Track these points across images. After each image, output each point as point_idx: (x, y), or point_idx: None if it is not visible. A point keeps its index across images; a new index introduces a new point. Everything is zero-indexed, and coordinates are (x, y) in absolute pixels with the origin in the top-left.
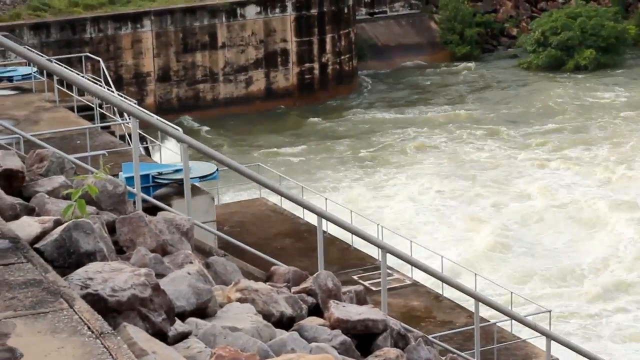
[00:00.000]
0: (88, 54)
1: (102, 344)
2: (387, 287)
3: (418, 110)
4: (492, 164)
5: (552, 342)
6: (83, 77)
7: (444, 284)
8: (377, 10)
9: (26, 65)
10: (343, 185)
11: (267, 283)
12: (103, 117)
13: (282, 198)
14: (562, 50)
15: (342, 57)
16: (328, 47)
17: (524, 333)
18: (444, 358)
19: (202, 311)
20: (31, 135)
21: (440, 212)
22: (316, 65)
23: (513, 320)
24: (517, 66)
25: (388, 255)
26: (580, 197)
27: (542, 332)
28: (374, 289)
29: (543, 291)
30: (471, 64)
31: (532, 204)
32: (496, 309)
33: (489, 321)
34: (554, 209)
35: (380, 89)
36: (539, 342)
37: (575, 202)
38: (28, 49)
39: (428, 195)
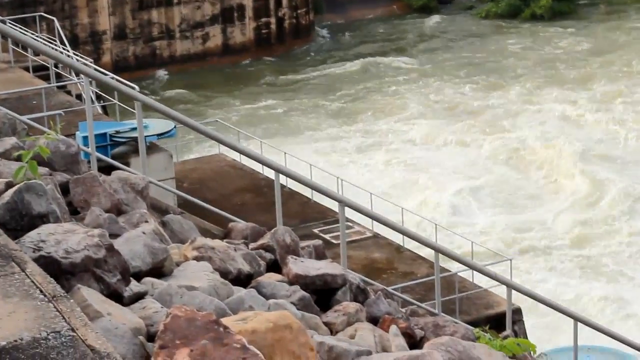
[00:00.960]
0: (42, 13)
1: (55, 307)
2: (348, 240)
3: (376, 61)
4: (453, 114)
5: (513, 291)
6: (38, 37)
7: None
8: None
9: None
10: (303, 139)
11: (225, 240)
12: (59, 76)
13: (242, 154)
14: None
15: (299, 11)
16: (284, 1)
17: (485, 282)
18: (404, 310)
19: (158, 271)
20: None
21: (403, 165)
22: (273, 20)
23: (474, 270)
24: (475, 15)
25: (350, 208)
26: (545, 145)
27: (503, 282)
28: (334, 242)
29: (504, 241)
30: (429, 15)
31: (497, 153)
32: (456, 260)
33: (450, 271)
34: (520, 159)
35: (337, 42)
36: (500, 291)
37: (538, 150)
38: None
39: (390, 147)
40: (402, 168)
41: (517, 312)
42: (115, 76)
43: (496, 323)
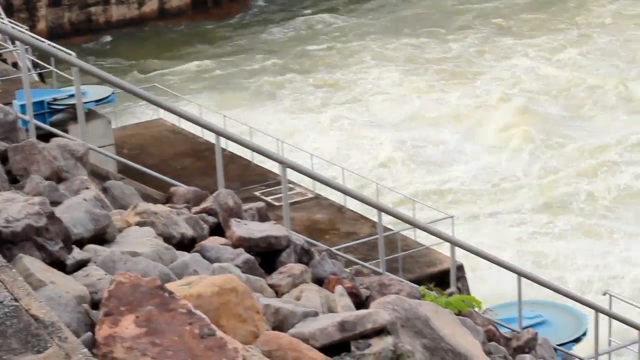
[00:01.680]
0: None
1: None
2: (290, 201)
3: (316, 20)
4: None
5: (456, 247)
6: None
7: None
8: None
9: None
10: (243, 102)
11: (167, 205)
12: None
13: (181, 118)
14: None
15: None
16: None
17: (428, 240)
18: (348, 270)
19: (101, 237)
20: None
21: (344, 124)
22: None
23: (417, 228)
24: None
25: (291, 170)
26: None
27: (445, 239)
28: (276, 204)
29: (447, 199)
30: None
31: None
32: (399, 218)
33: (392, 230)
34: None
35: (275, 4)
36: (444, 249)
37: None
38: None
39: (329, 107)
40: (347, 127)
41: (460, 269)
42: (51, 43)
43: (440, 280)
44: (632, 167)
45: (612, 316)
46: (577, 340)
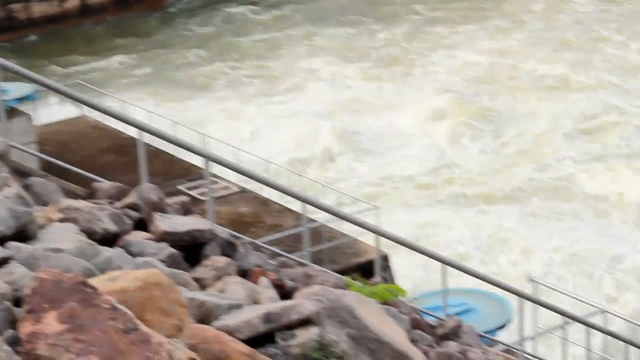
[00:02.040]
0: None
1: None
2: (214, 195)
3: (236, 16)
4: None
5: (381, 237)
6: None
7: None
8: None
9: None
10: (168, 97)
11: (90, 201)
12: None
13: (105, 114)
14: None
15: None
16: None
17: (355, 231)
18: (273, 262)
19: (23, 234)
20: None
21: (270, 116)
22: None
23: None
24: None
25: (215, 164)
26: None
27: (370, 229)
28: (201, 198)
29: (371, 190)
30: None
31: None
32: (323, 210)
33: (317, 222)
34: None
35: None
36: (369, 239)
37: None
38: None
39: (261, 98)
40: (272, 118)
41: (385, 259)
42: None
43: (366, 271)
44: (570, 152)
45: (536, 302)
46: (502, 327)
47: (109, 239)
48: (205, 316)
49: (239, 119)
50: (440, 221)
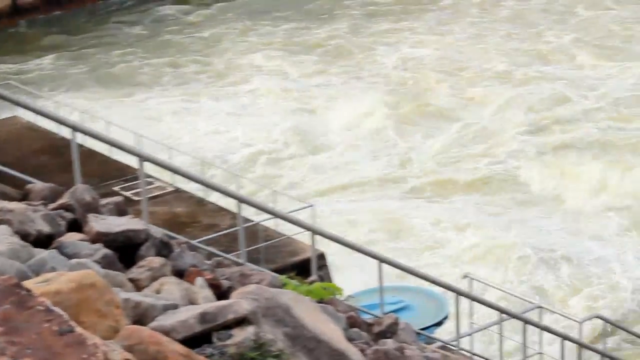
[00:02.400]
0: None
1: None
2: (149, 195)
3: (169, 14)
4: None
5: (317, 236)
6: None
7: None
8: None
9: None
10: (102, 96)
11: (23, 202)
12: None
13: (38, 115)
14: None
15: None
16: None
17: (291, 230)
18: (209, 262)
19: None
20: None
21: (206, 115)
22: None
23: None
24: None
25: (149, 164)
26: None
27: (306, 227)
28: (135, 198)
29: (307, 188)
30: None
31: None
32: (259, 208)
33: (252, 221)
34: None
35: None
36: (305, 238)
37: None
38: None
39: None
40: (207, 117)
41: (321, 257)
42: None
43: (302, 269)
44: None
45: (472, 298)
46: (439, 323)
47: (43, 241)
48: (141, 317)
49: (183, 115)
50: (391, 214)
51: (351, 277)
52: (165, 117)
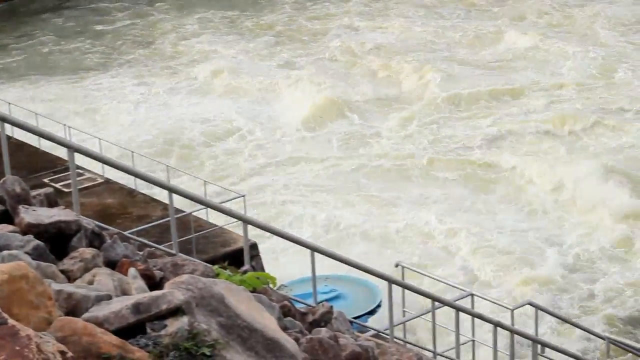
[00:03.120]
0: None
1: None
2: (79, 187)
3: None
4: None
5: (250, 226)
6: None
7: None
8: None
9: None
10: (28, 86)
11: None
12: None
13: None
14: None
15: None
16: None
17: (222, 220)
18: (141, 253)
19: None
20: None
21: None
22: None
23: (210, 209)
24: None
25: (79, 155)
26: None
27: (237, 217)
28: (66, 190)
29: (238, 180)
30: None
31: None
32: (190, 198)
33: (184, 212)
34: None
35: None
36: (238, 228)
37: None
38: None
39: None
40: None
41: (254, 247)
42: None
43: (235, 260)
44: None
45: (404, 286)
46: (372, 312)
47: None
48: (73, 308)
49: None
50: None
51: (285, 266)
52: (104, 105)
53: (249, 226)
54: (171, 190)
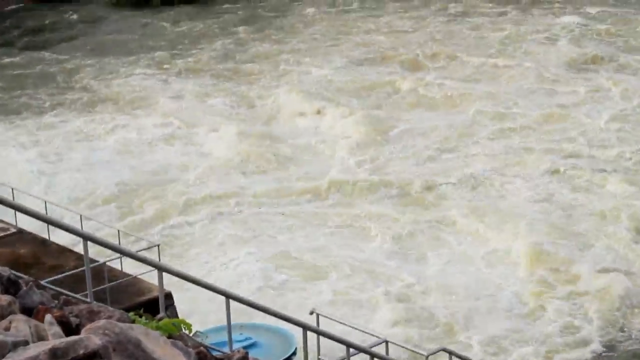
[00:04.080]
0: None
1: None
2: None
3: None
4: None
5: (166, 275)
6: None
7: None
8: None
9: None
10: None
11: None
12: None
13: None
14: None
15: None
16: None
17: (136, 269)
18: (56, 301)
19: None
20: None
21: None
22: None
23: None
24: (107, 3)
25: None
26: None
27: (153, 265)
28: None
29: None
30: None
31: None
32: (106, 246)
33: (98, 261)
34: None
35: None
36: (151, 278)
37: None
38: None
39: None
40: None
41: (169, 296)
42: None
43: (149, 309)
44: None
45: (320, 333)
46: (287, 359)
47: None
48: None
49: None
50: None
51: (201, 314)
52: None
53: (166, 275)
54: (86, 238)
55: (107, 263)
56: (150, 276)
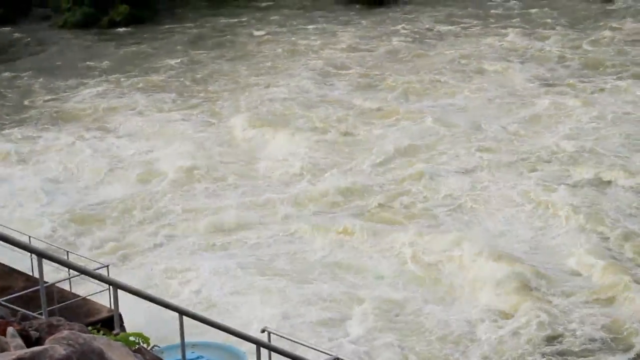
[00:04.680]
0: None
1: None
2: None
3: None
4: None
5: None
6: None
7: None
8: None
9: None
10: None
11: None
12: None
13: None
14: (96, 7)
15: None
16: None
17: (84, 290)
18: (14, 318)
19: None
20: None
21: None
22: None
23: (73, 279)
24: (53, 26)
25: None
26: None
27: (108, 282)
28: None
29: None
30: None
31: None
32: (61, 264)
33: (47, 282)
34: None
35: None
36: (101, 298)
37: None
38: None
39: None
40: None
41: (119, 317)
42: None
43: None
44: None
45: (273, 350)
46: None
47: None
48: None
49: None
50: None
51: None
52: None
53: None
54: (41, 255)
55: (56, 284)
56: (99, 297)
